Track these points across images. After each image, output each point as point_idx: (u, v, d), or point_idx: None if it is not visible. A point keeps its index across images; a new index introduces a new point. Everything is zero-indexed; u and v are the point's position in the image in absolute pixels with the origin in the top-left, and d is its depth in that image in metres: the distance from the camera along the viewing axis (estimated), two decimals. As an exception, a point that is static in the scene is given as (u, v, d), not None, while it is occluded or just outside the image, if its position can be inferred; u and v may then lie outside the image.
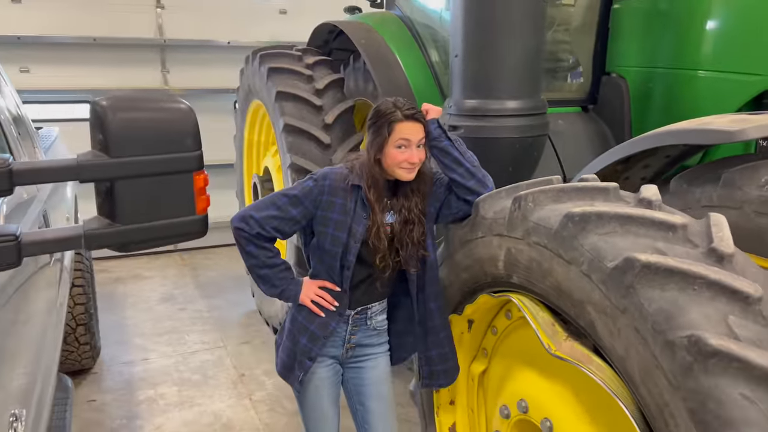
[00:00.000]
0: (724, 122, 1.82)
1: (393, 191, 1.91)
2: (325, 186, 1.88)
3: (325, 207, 1.88)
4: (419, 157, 1.83)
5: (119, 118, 1.21)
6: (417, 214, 1.89)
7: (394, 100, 1.84)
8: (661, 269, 1.21)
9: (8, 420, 1.18)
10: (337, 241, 1.86)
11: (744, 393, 1.08)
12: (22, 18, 5.55)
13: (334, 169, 1.93)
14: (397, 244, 1.88)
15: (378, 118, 1.84)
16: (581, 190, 1.52)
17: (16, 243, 1.15)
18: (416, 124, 1.82)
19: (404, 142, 1.80)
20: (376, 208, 1.85)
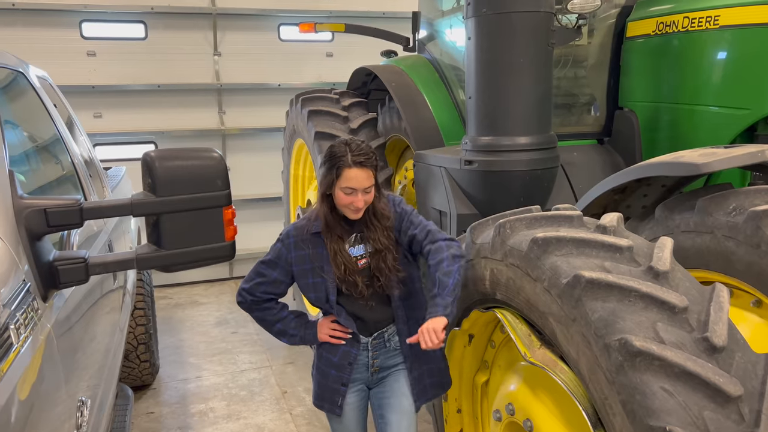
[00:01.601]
0: (694, 156, 2.02)
1: (362, 222, 2.03)
2: (290, 243, 2.03)
3: (298, 262, 2.03)
4: (365, 201, 1.95)
5: (164, 165, 1.54)
6: (385, 243, 2.01)
7: (348, 141, 1.97)
8: (602, 284, 1.43)
9: (76, 404, 1.50)
10: (317, 287, 2.02)
11: (664, 386, 1.28)
12: (96, 69, 6.18)
13: (296, 224, 2.07)
14: (375, 272, 2.01)
15: (329, 158, 1.96)
16: (551, 218, 1.75)
17: (84, 264, 1.48)
18: (363, 171, 1.92)
19: (349, 189, 1.93)
20: (337, 247, 1.99)
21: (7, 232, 1.30)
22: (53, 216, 1.41)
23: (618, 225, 1.68)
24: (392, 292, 2.04)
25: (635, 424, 1.30)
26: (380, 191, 2.05)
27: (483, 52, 2.86)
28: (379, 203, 2.04)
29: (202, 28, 6.47)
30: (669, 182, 2.42)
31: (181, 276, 6.64)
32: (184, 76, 6.45)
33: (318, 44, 6.86)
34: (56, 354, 1.37)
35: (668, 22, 2.94)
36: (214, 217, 1.63)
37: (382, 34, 4.89)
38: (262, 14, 6.60)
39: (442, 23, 4.31)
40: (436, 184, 3.35)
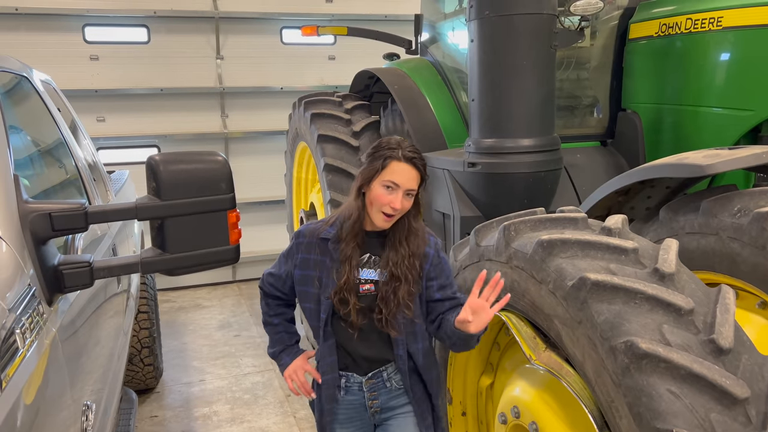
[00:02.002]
0: (698, 157, 2.01)
1: (380, 244, 1.83)
2: (301, 244, 1.86)
3: (301, 265, 1.86)
4: (403, 206, 1.74)
5: (168, 169, 1.54)
6: (405, 271, 1.77)
7: (400, 140, 1.79)
8: (608, 286, 1.43)
9: (81, 408, 1.50)
10: (312, 298, 1.83)
11: (670, 389, 1.28)
12: (98, 73, 6.19)
13: (309, 225, 1.90)
14: (380, 302, 1.78)
15: (377, 149, 1.78)
16: (555, 220, 1.75)
17: (89, 268, 1.49)
18: (412, 170, 1.74)
19: (392, 184, 1.73)
20: (349, 254, 1.78)
21: (12, 237, 1.31)
22: (58, 220, 1.41)
23: (623, 227, 1.68)
24: (390, 331, 1.80)
25: (642, 427, 1.29)
26: (420, 209, 1.83)
27: (486, 55, 2.86)
28: (415, 222, 1.82)
29: (205, 31, 6.49)
30: (673, 184, 2.42)
31: (185, 279, 6.64)
32: (186, 80, 6.46)
33: (320, 47, 6.87)
34: (61, 358, 1.37)
35: (671, 24, 2.94)
36: (219, 221, 1.63)
37: (385, 37, 4.90)
38: (265, 18, 6.62)
39: (444, 26, 4.31)
40: (440, 187, 3.34)
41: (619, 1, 3.48)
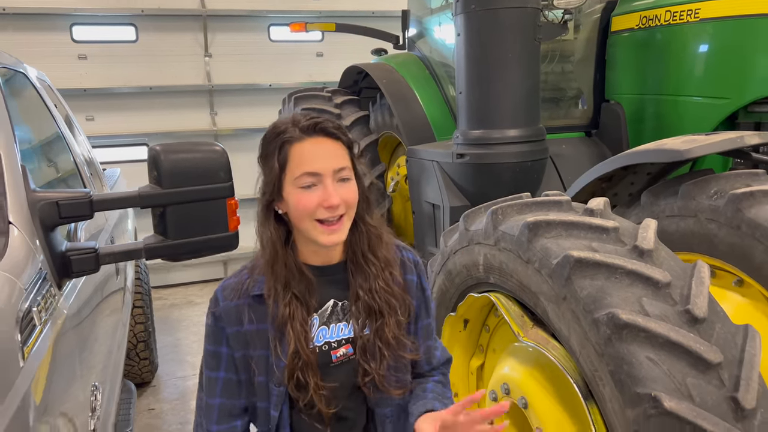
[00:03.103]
0: (677, 143, 2.10)
1: (341, 280, 1.30)
2: (221, 314, 1.26)
3: (235, 344, 1.25)
4: (344, 197, 1.19)
5: (169, 159, 1.60)
6: (385, 296, 1.27)
7: (292, 115, 1.25)
8: (590, 263, 1.51)
9: (90, 388, 1.56)
10: (258, 390, 1.26)
11: (649, 356, 1.36)
12: (87, 72, 6.21)
13: (229, 281, 1.30)
14: (365, 359, 1.27)
15: (266, 143, 1.23)
16: (540, 203, 1.83)
17: (95, 254, 1.55)
18: (326, 141, 1.19)
19: (308, 177, 1.18)
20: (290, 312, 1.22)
21: (23, 223, 1.36)
22: (65, 207, 1.47)
23: (605, 208, 1.76)
24: (389, 391, 1.29)
25: (623, 393, 1.37)
26: (369, 199, 1.30)
27: (472, 48, 2.93)
28: (370, 218, 1.30)
29: (193, 29, 6.51)
30: (654, 170, 2.51)
31: (176, 277, 6.69)
32: (175, 78, 6.49)
33: (308, 44, 6.92)
34: (72, 339, 1.43)
35: (651, 16, 3.03)
36: (218, 208, 1.69)
37: (373, 33, 4.96)
38: (252, 15, 6.65)
39: (431, 21, 4.38)
40: (429, 178, 3.42)
41: (601, -6, 3.57)
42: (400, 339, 1.29)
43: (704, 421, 1.27)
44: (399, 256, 1.35)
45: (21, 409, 1.01)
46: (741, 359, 1.36)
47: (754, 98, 2.49)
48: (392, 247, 1.35)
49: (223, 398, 1.28)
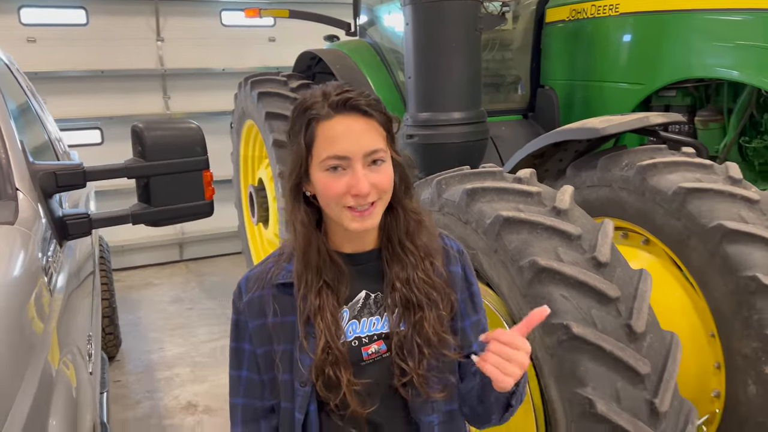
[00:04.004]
0: (596, 122, 2.43)
1: (375, 269, 1.19)
2: (244, 307, 1.19)
3: (258, 340, 1.18)
4: (376, 183, 1.08)
5: (152, 135, 1.81)
6: (425, 288, 1.15)
7: (324, 87, 1.12)
8: (516, 221, 1.80)
9: (86, 336, 1.77)
10: (283, 389, 1.17)
11: (563, 294, 1.67)
12: (37, 56, 6.16)
13: (254, 271, 1.21)
14: (399, 359, 1.13)
15: (295, 118, 1.13)
16: (478, 174, 2.12)
17: (88, 219, 1.75)
18: (359, 120, 1.08)
19: (336, 160, 1.07)
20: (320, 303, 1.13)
21: (27, 190, 1.56)
22: (62, 177, 1.67)
23: (531, 177, 2.06)
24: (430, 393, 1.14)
25: (542, 325, 1.67)
26: (409, 181, 1.19)
27: (419, 37, 3.20)
28: (411, 202, 1.19)
29: (144, 13, 6.54)
30: (581, 147, 2.83)
31: (133, 260, 6.76)
32: (127, 62, 6.51)
33: (260, 29, 7.03)
34: (73, 291, 1.63)
35: (579, 9, 3.36)
36: (196, 179, 1.91)
37: (325, 20, 5.16)
38: (204, 0, 6.73)
39: (381, 9, 4.62)
40: (381, 158, 3.68)
41: (537, -12, 3.89)
42: (441, 336, 1.14)
43: (604, 342, 1.59)
44: (441, 245, 1.22)
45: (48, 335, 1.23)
46: (635, 295, 1.69)
47: (663, 84, 2.85)
48: (434, 235, 1.22)
49: (246, 399, 1.20)
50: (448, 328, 1.18)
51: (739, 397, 1.98)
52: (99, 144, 6.56)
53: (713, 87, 2.77)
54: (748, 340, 1.91)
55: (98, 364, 2.16)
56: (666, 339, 1.69)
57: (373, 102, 1.11)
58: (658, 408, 1.59)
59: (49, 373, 1.14)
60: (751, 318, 1.90)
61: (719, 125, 2.70)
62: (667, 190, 2.12)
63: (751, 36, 2.42)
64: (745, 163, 2.70)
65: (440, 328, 1.15)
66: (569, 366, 1.61)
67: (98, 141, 6.58)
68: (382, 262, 1.19)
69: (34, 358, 1.10)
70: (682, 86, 2.82)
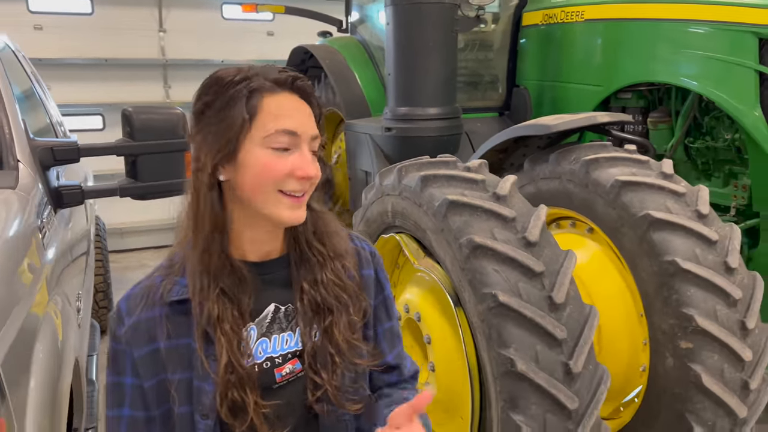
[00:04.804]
0: (549, 120, 2.65)
1: (282, 278, 1.09)
2: (127, 333, 1.03)
3: (145, 370, 1.03)
4: (317, 171, 1.03)
5: (140, 118, 2.04)
6: (335, 290, 1.08)
7: (250, 66, 1.05)
8: (460, 204, 2.03)
9: (77, 293, 2.00)
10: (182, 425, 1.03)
11: (495, 268, 1.90)
12: (43, 43, 6.40)
13: (135, 289, 1.08)
14: (314, 369, 1.06)
15: (219, 92, 1.01)
16: (434, 163, 2.35)
17: (80, 190, 1.98)
18: (303, 102, 1.03)
19: (286, 138, 0.99)
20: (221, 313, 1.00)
21: (27, 162, 1.79)
22: (58, 152, 1.90)
23: (480, 167, 2.28)
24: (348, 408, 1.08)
25: (475, 294, 1.91)
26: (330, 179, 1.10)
27: (399, 36, 3.42)
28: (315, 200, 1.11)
29: (148, 4, 6.78)
30: (542, 144, 3.06)
31: (129, 242, 7.01)
32: (130, 51, 6.75)
33: (259, 23, 7.26)
34: (65, 252, 1.87)
35: (551, 14, 3.58)
36: (178, 159, 2.14)
37: (319, 17, 5.39)
38: (206, -7, 6.97)
39: (371, 8, 4.84)
40: (363, 149, 3.92)
41: (516, -8, 4.10)
42: (352, 343, 1.07)
43: (526, 310, 1.81)
44: (353, 247, 1.16)
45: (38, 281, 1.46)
46: (558, 271, 1.92)
47: (619, 87, 3.07)
48: (343, 235, 1.14)
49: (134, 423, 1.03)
50: (360, 334, 1.11)
51: (659, 370, 2.21)
52: (101, 130, 6.80)
53: (663, 91, 2.98)
54: (667, 318, 2.14)
55: (87, 325, 2.39)
56: (585, 310, 1.92)
57: (309, 85, 1.05)
58: (572, 369, 1.82)
59: (35, 313, 1.38)
60: (671, 298, 2.12)
61: (668, 126, 2.92)
62: (605, 183, 2.34)
63: (691, 45, 2.64)
64: (690, 162, 2.92)
65: (351, 335, 1.07)
66: (496, 329, 1.84)
67: (100, 127, 6.82)
68: (291, 270, 1.09)
69: (24, 298, 1.33)
70: (637, 89, 3.04)
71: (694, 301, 2.08)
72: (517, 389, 1.81)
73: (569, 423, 1.82)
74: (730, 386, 2.06)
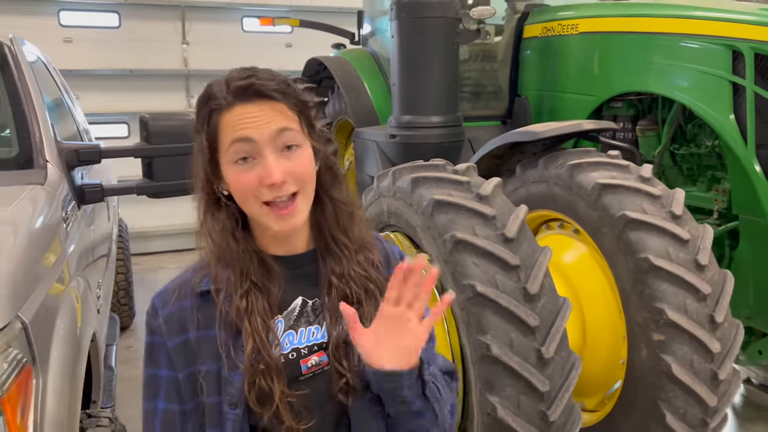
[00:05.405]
0: (539, 127, 2.81)
1: (311, 273, 1.12)
2: (161, 325, 1.09)
3: (180, 362, 1.07)
4: (290, 170, 1.01)
5: (155, 123, 2.25)
6: (363, 282, 1.11)
7: (229, 73, 1.07)
8: (445, 203, 2.20)
9: (97, 281, 2.21)
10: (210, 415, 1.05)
11: (474, 261, 2.06)
12: (73, 55, 6.74)
13: (168, 285, 1.13)
14: (337, 358, 1.07)
15: (197, 116, 1.07)
16: (426, 166, 2.52)
17: (101, 188, 2.20)
18: (261, 104, 1.01)
19: (244, 147, 1.00)
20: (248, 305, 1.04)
21: (55, 162, 2.01)
22: (82, 154, 2.12)
23: (467, 170, 2.46)
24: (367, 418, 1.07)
25: (457, 285, 2.08)
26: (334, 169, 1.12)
27: (403, 49, 3.61)
28: (338, 193, 1.12)
29: (172, 18, 7.09)
30: (537, 150, 3.22)
31: (149, 246, 7.29)
32: (154, 63, 7.06)
33: (278, 35, 7.53)
34: (88, 244, 2.08)
35: (549, 27, 3.74)
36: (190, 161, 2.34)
37: (332, 29, 5.61)
38: (227, 7, 7.25)
39: (381, 21, 5.04)
40: (370, 155, 4.11)
41: (518, 6, 4.27)
42: None
43: (501, 299, 1.98)
44: (382, 248, 1.19)
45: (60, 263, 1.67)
46: (534, 264, 2.08)
47: (609, 96, 3.21)
48: (366, 226, 1.17)
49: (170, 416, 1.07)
50: None
51: (635, 361, 2.35)
52: (126, 137, 7.11)
53: (651, 100, 3.12)
54: (641, 312, 2.28)
55: (106, 314, 2.60)
56: (558, 301, 2.07)
57: (283, 86, 1.03)
58: (544, 355, 1.97)
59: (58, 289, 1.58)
60: (644, 292, 2.26)
61: (655, 134, 3.06)
62: (587, 186, 2.49)
63: (671, 57, 2.79)
64: (677, 167, 3.05)
65: None
66: (474, 317, 2.01)
67: (125, 135, 7.13)
68: (318, 264, 1.11)
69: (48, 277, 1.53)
70: (626, 98, 3.19)
71: (666, 295, 2.22)
72: (492, 372, 1.97)
73: (541, 405, 1.97)
74: (699, 376, 2.19)
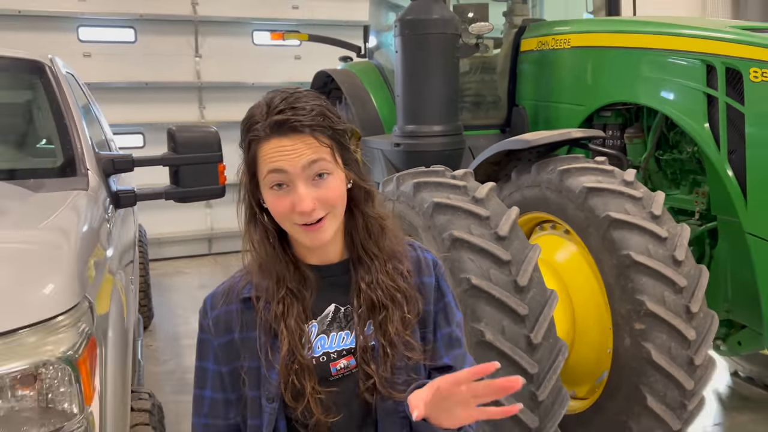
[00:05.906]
0: (531, 136, 3.04)
1: (344, 282, 1.21)
2: (210, 324, 1.21)
3: (225, 357, 1.19)
4: (321, 197, 1.10)
5: (182, 135, 2.49)
6: (389, 289, 1.18)
7: (270, 98, 1.14)
8: (444, 205, 2.43)
9: (130, 278, 2.45)
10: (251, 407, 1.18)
11: (470, 257, 2.29)
12: (91, 68, 7.01)
13: (219, 288, 1.24)
14: (365, 360, 1.16)
15: (243, 135, 1.15)
16: (426, 172, 2.76)
17: (134, 194, 2.44)
18: (294, 138, 1.08)
19: (278, 177, 1.09)
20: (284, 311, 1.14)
21: (94, 170, 2.25)
22: (117, 163, 2.36)
23: (465, 175, 2.69)
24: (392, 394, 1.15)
25: (455, 279, 2.30)
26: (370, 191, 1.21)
27: (407, 63, 3.85)
28: (371, 210, 1.21)
29: (185, 33, 7.38)
30: (532, 156, 3.44)
31: (165, 251, 7.54)
32: (168, 75, 7.34)
33: (287, 48, 7.79)
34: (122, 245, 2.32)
35: (544, 41, 3.98)
36: (213, 169, 2.58)
37: (339, 43, 5.87)
38: (238, 21, 7.53)
39: (386, 35, 5.29)
40: (375, 163, 4.35)
41: (516, 21, 4.51)
42: (404, 338, 1.16)
43: (494, 291, 2.20)
44: (414, 255, 1.27)
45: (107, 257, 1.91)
46: (524, 260, 2.30)
47: (598, 106, 3.44)
48: (399, 239, 1.25)
49: (209, 419, 1.21)
50: (414, 332, 1.19)
51: (619, 349, 2.56)
52: (141, 147, 7.38)
53: (637, 109, 3.35)
54: (624, 303, 2.50)
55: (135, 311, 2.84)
56: (546, 293, 2.30)
57: (318, 119, 1.10)
58: (533, 340, 2.19)
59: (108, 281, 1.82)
60: (627, 286, 2.48)
61: (641, 141, 3.28)
62: (575, 189, 2.72)
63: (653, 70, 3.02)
64: (661, 172, 3.27)
65: (403, 330, 1.16)
66: (470, 307, 2.23)
67: (141, 145, 7.40)
68: (350, 273, 1.20)
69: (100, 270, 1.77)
70: (615, 108, 3.41)
71: (646, 288, 2.44)
72: (486, 357, 2.19)
73: (531, 386, 2.20)
74: (677, 362, 2.41)
